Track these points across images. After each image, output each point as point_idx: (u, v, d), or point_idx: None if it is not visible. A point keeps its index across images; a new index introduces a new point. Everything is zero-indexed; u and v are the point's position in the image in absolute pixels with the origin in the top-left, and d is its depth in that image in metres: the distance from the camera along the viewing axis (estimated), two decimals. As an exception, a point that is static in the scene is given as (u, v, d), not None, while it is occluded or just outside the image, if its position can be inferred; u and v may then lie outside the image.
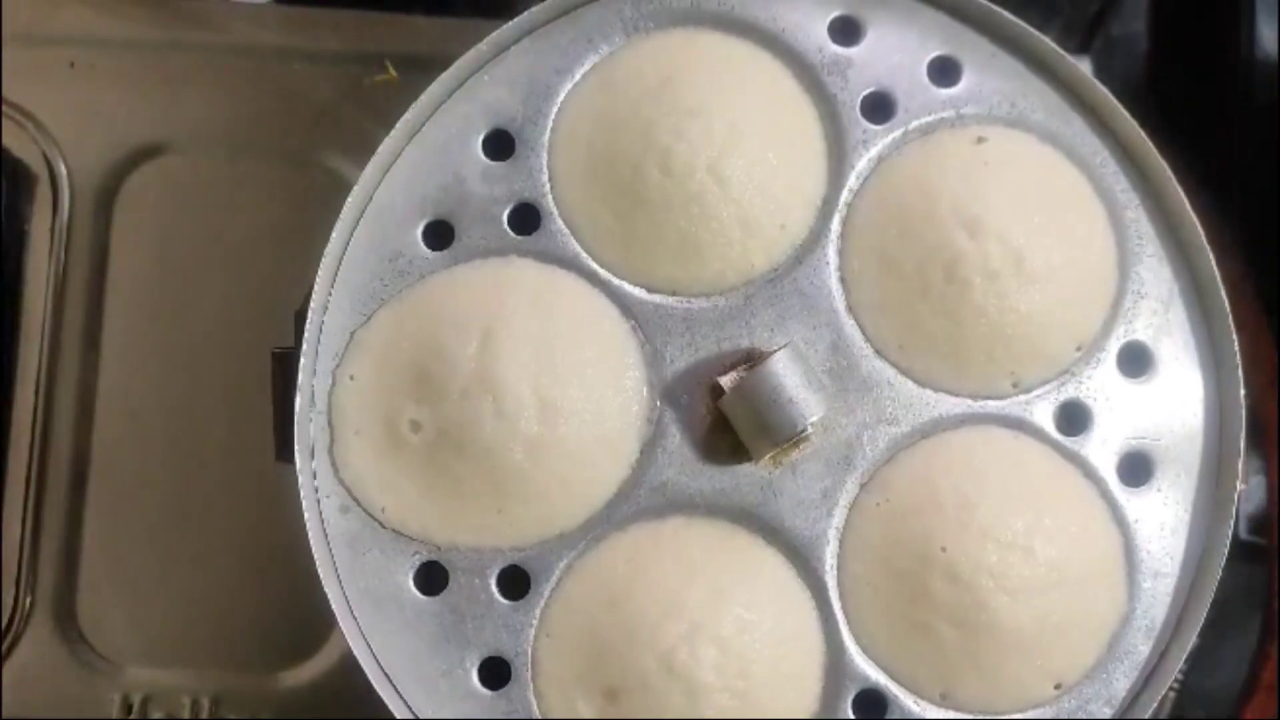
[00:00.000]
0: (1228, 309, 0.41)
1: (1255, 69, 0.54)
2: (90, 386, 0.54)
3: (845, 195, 0.41)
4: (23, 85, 0.54)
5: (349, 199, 0.40)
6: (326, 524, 0.40)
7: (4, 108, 0.54)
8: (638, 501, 0.40)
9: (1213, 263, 0.41)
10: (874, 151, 0.41)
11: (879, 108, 0.42)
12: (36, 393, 0.53)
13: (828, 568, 0.40)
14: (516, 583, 0.39)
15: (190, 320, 0.54)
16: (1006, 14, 0.42)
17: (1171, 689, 0.51)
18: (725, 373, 0.40)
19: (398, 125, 0.40)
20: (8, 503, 0.53)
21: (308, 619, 0.52)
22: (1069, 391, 0.41)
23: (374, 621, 0.39)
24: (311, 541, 0.39)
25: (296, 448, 0.39)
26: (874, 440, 0.40)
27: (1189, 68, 0.59)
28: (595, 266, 0.41)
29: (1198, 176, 0.48)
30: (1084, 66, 0.43)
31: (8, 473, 0.53)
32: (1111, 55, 0.59)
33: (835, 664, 0.39)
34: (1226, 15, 0.56)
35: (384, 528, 0.39)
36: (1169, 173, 0.41)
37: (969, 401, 0.41)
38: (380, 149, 0.40)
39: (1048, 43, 0.42)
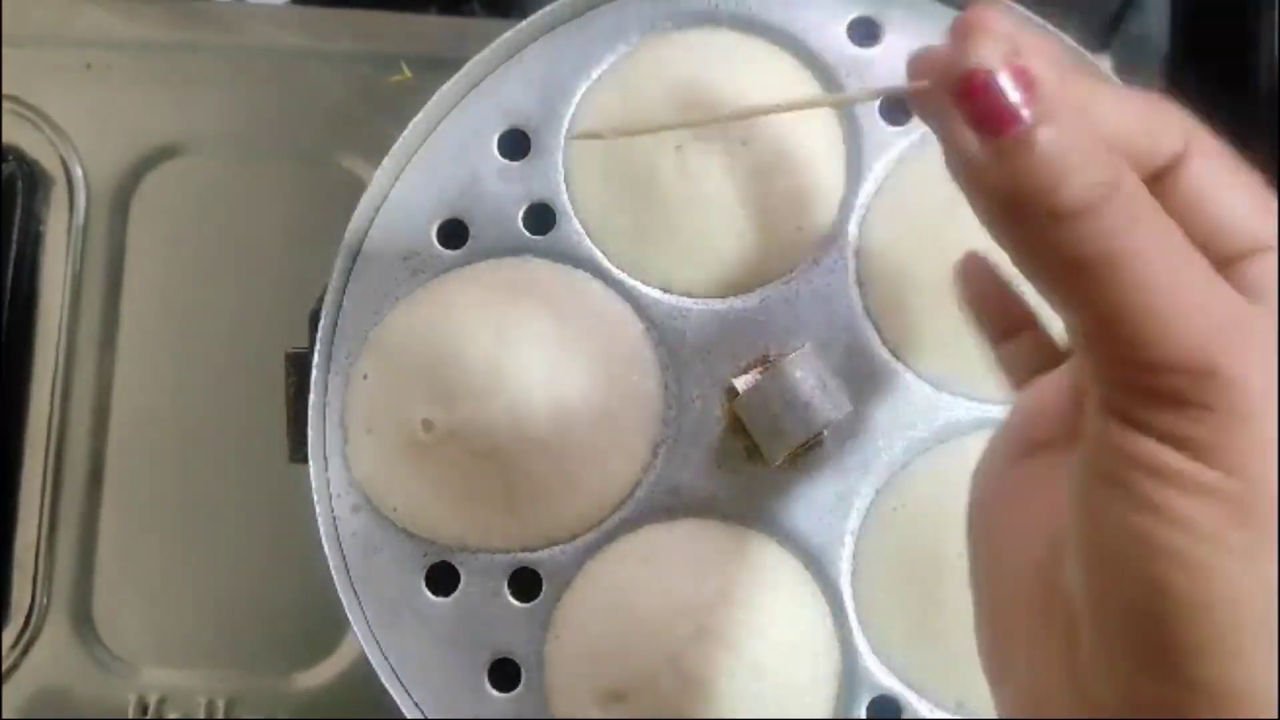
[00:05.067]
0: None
1: (1277, 68, 0.54)
2: (106, 387, 0.54)
3: (863, 198, 0.41)
4: (39, 87, 0.55)
5: (363, 198, 0.40)
6: (339, 524, 0.40)
7: (22, 109, 0.54)
8: (650, 503, 0.39)
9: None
10: (892, 154, 0.41)
11: (898, 110, 0.41)
12: (53, 393, 0.53)
13: (842, 572, 0.39)
14: (527, 584, 0.39)
15: (206, 321, 0.54)
16: (1027, 13, 0.41)
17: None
18: (740, 375, 0.40)
19: (411, 125, 0.40)
20: (24, 503, 0.53)
21: (323, 620, 0.52)
22: (1087, 394, 0.40)
23: (386, 622, 0.39)
24: (324, 542, 0.39)
25: (310, 447, 0.39)
26: (890, 444, 0.40)
27: (1210, 67, 0.58)
28: (610, 267, 0.41)
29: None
30: (1104, 65, 0.42)
31: (24, 473, 0.53)
32: (1131, 54, 0.59)
33: (850, 670, 0.39)
34: (1248, 13, 0.56)
35: (396, 528, 0.39)
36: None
37: (985, 405, 0.40)
38: (394, 148, 0.40)
39: (1068, 41, 0.41)
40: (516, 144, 0.41)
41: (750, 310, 0.40)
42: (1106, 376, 0.21)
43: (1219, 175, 0.24)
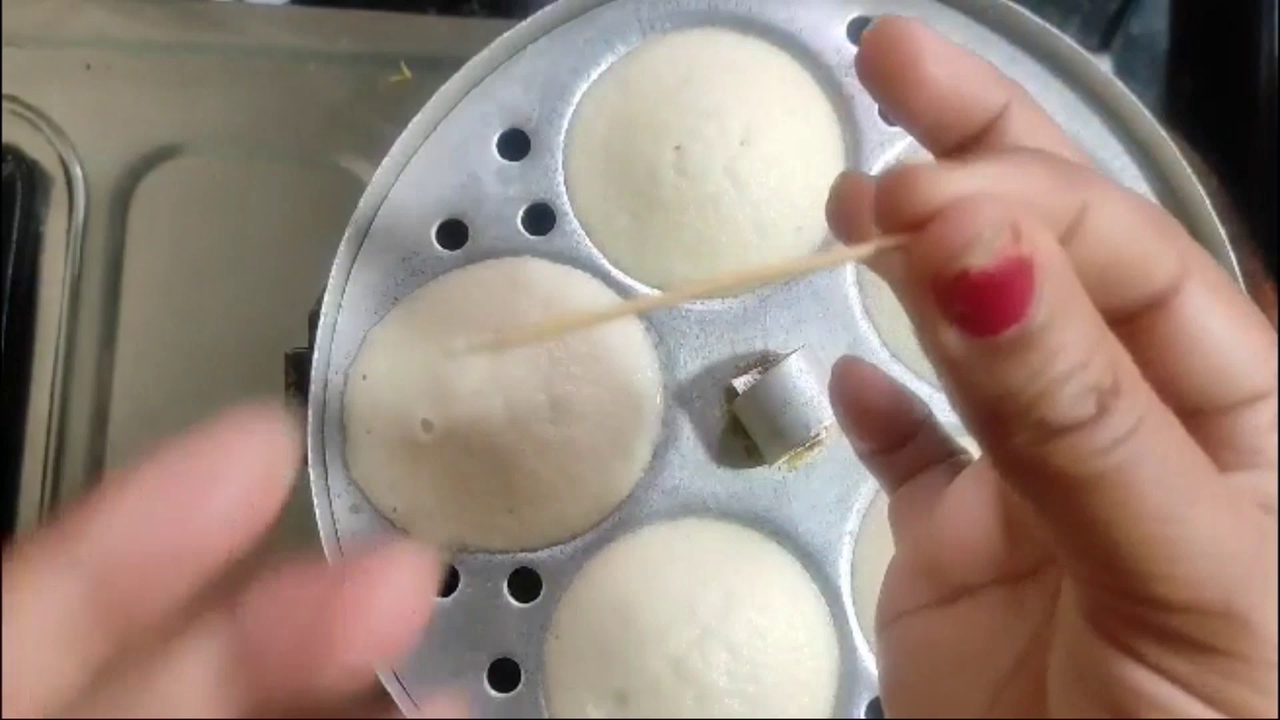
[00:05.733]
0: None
1: (1277, 67, 0.54)
2: (105, 388, 0.54)
3: (861, 196, 0.41)
4: (38, 87, 0.54)
5: (362, 198, 0.40)
6: (338, 524, 0.40)
7: (21, 109, 0.54)
8: (650, 504, 0.39)
9: (1234, 263, 0.40)
10: (891, 154, 0.41)
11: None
12: (52, 394, 0.53)
13: (842, 573, 0.39)
14: (527, 585, 0.39)
15: (205, 321, 0.54)
16: (1027, 13, 0.41)
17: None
18: (739, 375, 0.40)
19: (410, 124, 0.40)
20: (24, 503, 0.53)
21: (321, 620, 0.52)
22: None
23: (386, 623, 0.39)
24: (323, 542, 0.39)
25: (309, 447, 0.39)
26: (890, 443, 0.40)
27: (1210, 66, 0.58)
28: (609, 267, 0.41)
29: (1218, 176, 0.47)
30: (1103, 65, 0.42)
31: (24, 473, 0.53)
32: (1131, 54, 0.59)
33: (850, 670, 0.39)
34: (1248, 13, 0.56)
35: (396, 528, 0.39)
36: (1190, 173, 0.41)
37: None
38: (394, 148, 0.40)
39: (1068, 42, 0.41)
40: (516, 144, 0.41)
41: (749, 310, 0.40)
42: (1102, 603, 0.19)
43: (1217, 307, 0.20)
